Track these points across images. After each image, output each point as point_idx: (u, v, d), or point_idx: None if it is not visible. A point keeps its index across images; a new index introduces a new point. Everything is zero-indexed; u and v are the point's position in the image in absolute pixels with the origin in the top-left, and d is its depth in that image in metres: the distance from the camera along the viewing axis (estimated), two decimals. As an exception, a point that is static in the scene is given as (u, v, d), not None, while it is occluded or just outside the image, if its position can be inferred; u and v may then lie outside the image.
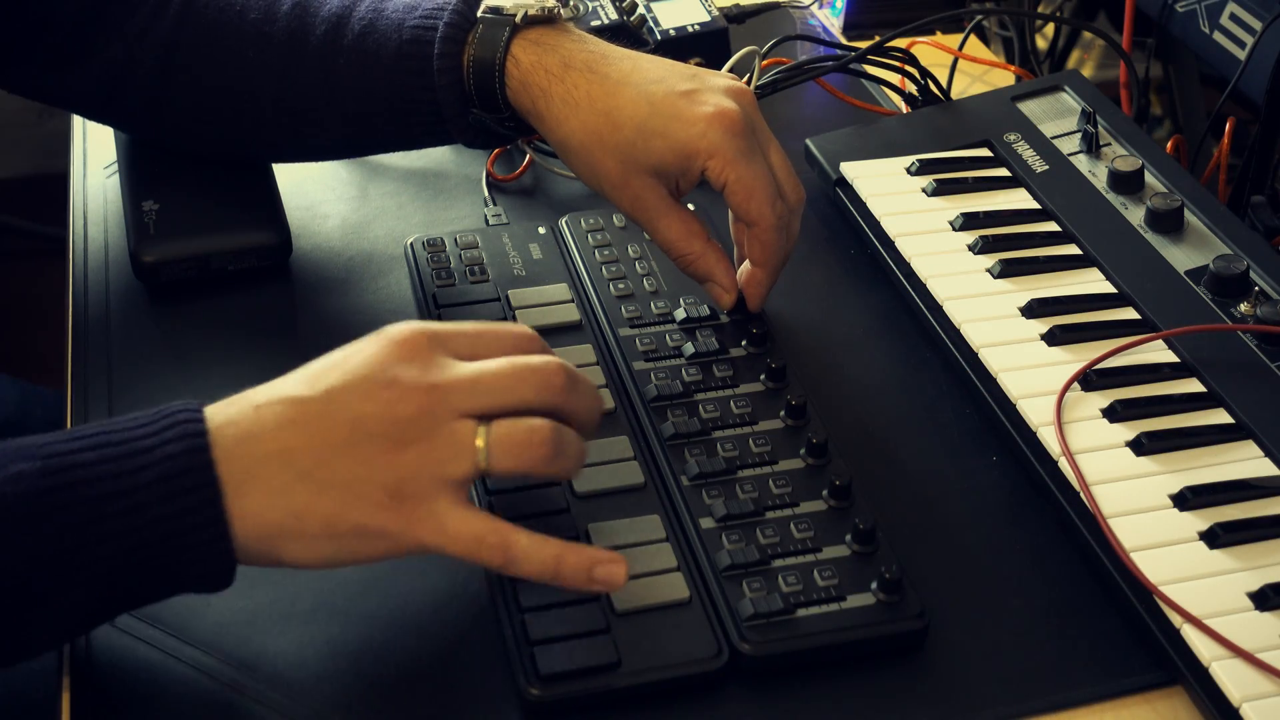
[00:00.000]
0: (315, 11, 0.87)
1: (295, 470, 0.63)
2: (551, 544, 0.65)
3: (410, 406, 0.63)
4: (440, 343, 0.66)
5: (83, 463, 0.61)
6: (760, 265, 0.83)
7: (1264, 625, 0.68)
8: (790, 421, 0.78)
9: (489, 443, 0.64)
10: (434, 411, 0.63)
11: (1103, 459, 0.77)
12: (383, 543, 0.64)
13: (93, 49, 0.88)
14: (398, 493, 0.63)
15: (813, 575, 0.70)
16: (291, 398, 0.64)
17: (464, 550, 0.64)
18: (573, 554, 0.66)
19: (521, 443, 0.64)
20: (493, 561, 0.64)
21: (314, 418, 0.63)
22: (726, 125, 0.79)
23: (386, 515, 0.63)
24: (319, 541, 0.63)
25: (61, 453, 0.62)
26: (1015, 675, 0.70)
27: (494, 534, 0.64)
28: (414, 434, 0.63)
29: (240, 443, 0.63)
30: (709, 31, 1.09)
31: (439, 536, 0.64)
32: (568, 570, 0.65)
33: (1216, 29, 1.05)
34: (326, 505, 0.63)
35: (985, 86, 1.15)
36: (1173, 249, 0.91)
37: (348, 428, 0.63)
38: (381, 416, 0.63)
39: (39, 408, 1.18)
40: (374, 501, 0.63)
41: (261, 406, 0.64)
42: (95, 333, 0.87)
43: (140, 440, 0.62)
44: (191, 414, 0.63)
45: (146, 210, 0.91)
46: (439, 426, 0.63)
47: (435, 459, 0.63)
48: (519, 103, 0.84)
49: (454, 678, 0.68)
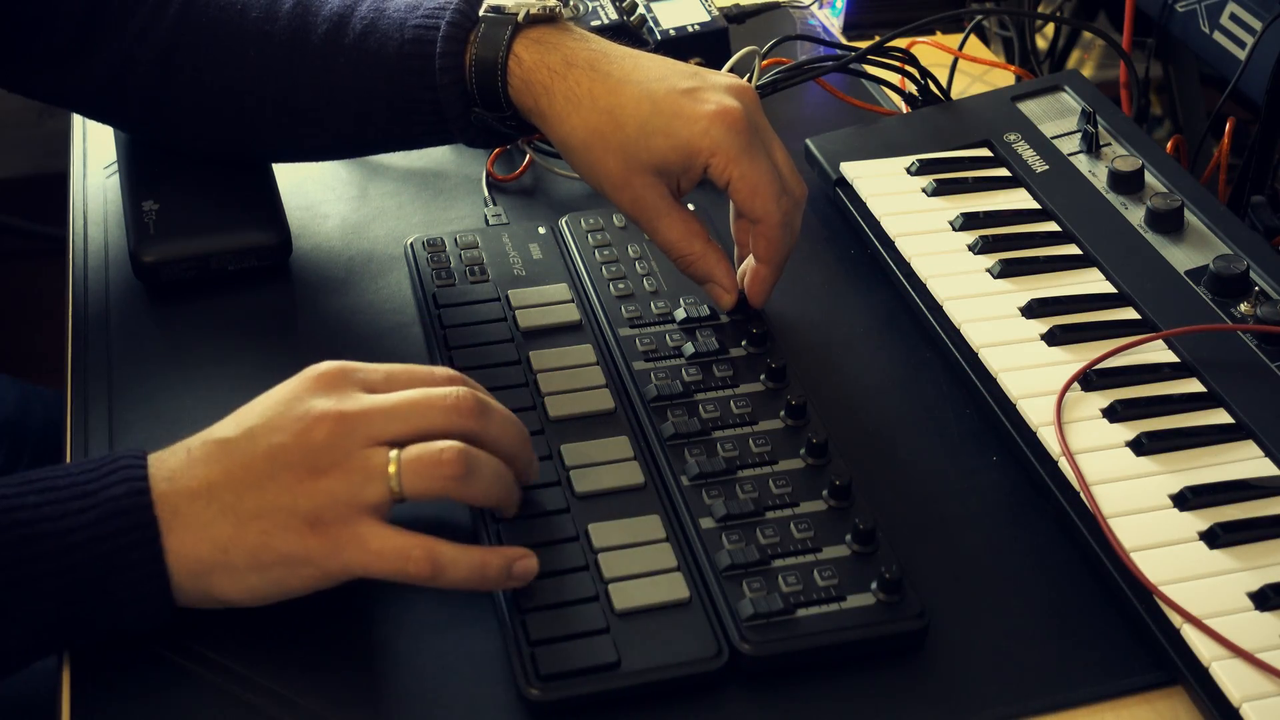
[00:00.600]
0: (316, 11, 0.87)
1: (218, 505, 0.65)
2: (474, 550, 0.67)
3: (322, 433, 0.65)
4: (357, 376, 0.68)
5: (27, 504, 0.64)
6: (765, 262, 0.83)
7: (1264, 625, 0.68)
8: (790, 421, 0.78)
9: (400, 466, 0.65)
10: (346, 438, 0.65)
11: (1103, 459, 0.77)
12: (308, 570, 0.65)
13: (93, 48, 0.88)
14: (318, 519, 0.65)
15: (813, 575, 0.70)
16: (217, 439, 0.66)
17: (391, 566, 0.65)
18: (494, 555, 0.67)
19: (431, 463, 0.65)
20: (421, 574, 0.65)
21: (234, 453, 0.65)
22: (729, 123, 0.79)
23: (309, 542, 0.65)
24: (247, 574, 0.65)
25: (7, 495, 0.64)
26: (1015, 675, 0.70)
27: (419, 547, 0.65)
28: (328, 461, 0.65)
29: (170, 482, 0.65)
30: (709, 31, 1.09)
31: (364, 556, 0.65)
32: (492, 572, 0.67)
33: (1216, 29, 1.05)
34: (250, 537, 0.64)
35: (985, 86, 1.15)
36: (1173, 249, 0.91)
37: (266, 460, 0.65)
38: (296, 446, 0.65)
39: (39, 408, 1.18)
40: (295, 530, 0.65)
41: (193, 449, 0.66)
42: (95, 333, 0.87)
43: (85, 484, 0.65)
44: (135, 460, 0.66)
45: (146, 210, 0.91)
46: (352, 453, 0.65)
47: (350, 484, 0.65)
48: (521, 101, 0.84)
49: (454, 678, 0.68)
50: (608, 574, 0.70)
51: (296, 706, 0.66)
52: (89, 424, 0.81)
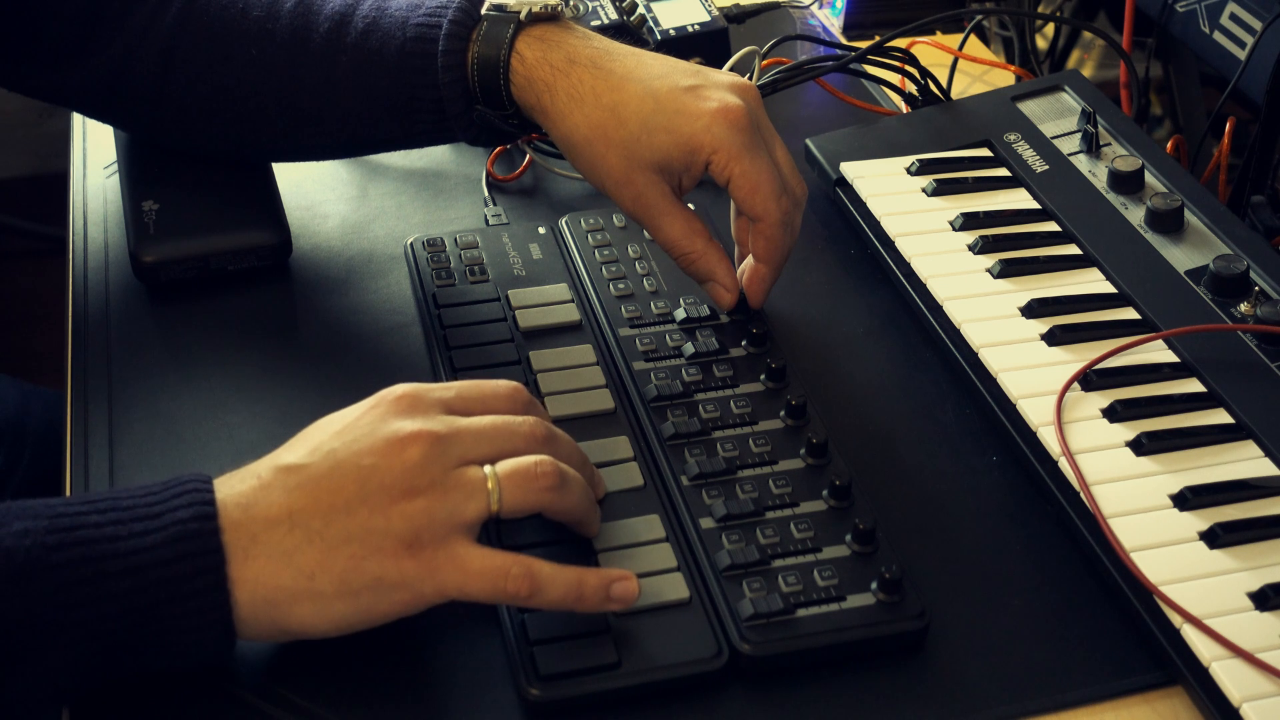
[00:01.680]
0: (318, 10, 0.87)
1: (304, 531, 0.63)
2: (571, 569, 0.66)
3: (416, 454, 0.64)
4: (435, 398, 0.67)
5: (89, 524, 0.62)
6: (764, 261, 0.83)
7: (1264, 625, 0.68)
8: (790, 421, 0.78)
9: (499, 481, 0.65)
10: (442, 459, 0.64)
11: (1103, 459, 0.77)
12: (401, 594, 0.64)
13: (94, 47, 0.88)
14: (414, 541, 0.63)
15: (813, 575, 0.70)
16: (294, 464, 0.64)
17: (490, 585, 0.64)
18: (592, 575, 0.66)
19: (529, 476, 0.65)
20: (520, 592, 0.64)
21: (320, 478, 0.64)
22: (731, 120, 0.79)
23: (405, 564, 0.63)
24: (333, 601, 0.63)
25: (69, 513, 0.62)
26: (1015, 675, 0.70)
27: (518, 565, 0.64)
28: (424, 482, 0.64)
29: (244, 509, 0.63)
30: (709, 31, 1.09)
31: (462, 577, 0.64)
32: (589, 591, 0.66)
33: (1216, 29, 1.05)
34: (340, 561, 0.63)
35: (985, 86, 1.15)
36: (1173, 249, 0.91)
37: (355, 484, 0.63)
38: (389, 468, 0.63)
39: (39, 408, 1.18)
40: (390, 552, 0.63)
41: (264, 475, 0.64)
42: (95, 333, 0.87)
43: (150, 506, 0.63)
44: (201, 484, 0.64)
45: (146, 210, 0.91)
46: (448, 473, 0.64)
47: (449, 503, 0.64)
48: (523, 99, 0.84)
49: (454, 678, 0.68)
50: (608, 574, 0.70)
51: (296, 707, 0.66)
52: (89, 424, 0.81)
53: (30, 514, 0.62)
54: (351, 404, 0.68)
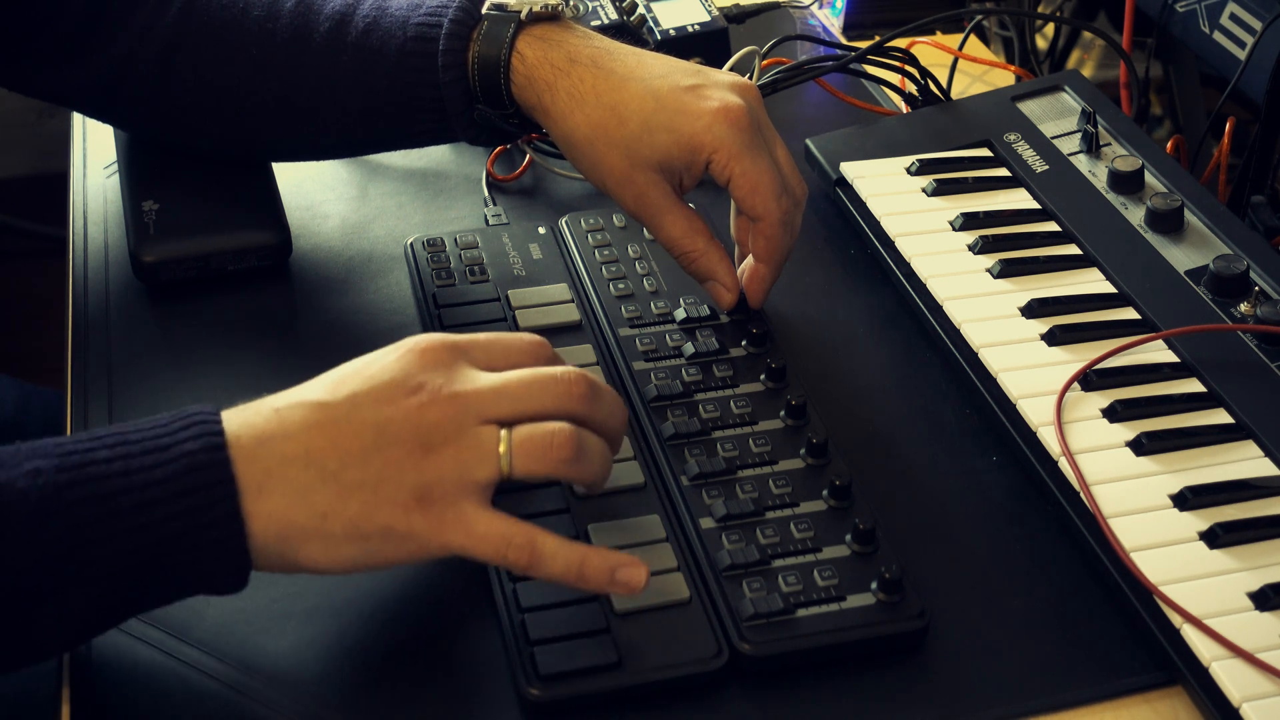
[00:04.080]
0: (319, 9, 0.87)
1: (320, 471, 0.63)
2: (576, 546, 0.66)
3: (436, 412, 0.64)
4: (461, 352, 0.67)
5: (98, 459, 0.62)
6: (763, 261, 0.83)
7: (1264, 625, 0.68)
8: (790, 421, 0.78)
9: (511, 446, 0.65)
10: (459, 417, 0.64)
11: (1103, 459, 0.77)
12: (409, 544, 0.64)
13: (94, 46, 0.88)
14: (425, 496, 0.64)
15: (813, 575, 0.70)
16: (314, 402, 0.64)
17: (491, 551, 0.64)
18: (597, 555, 0.66)
19: (543, 445, 0.65)
20: (519, 562, 0.65)
21: (339, 421, 0.64)
22: (732, 119, 0.79)
23: (414, 517, 0.64)
24: (342, 543, 0.64)
25: (78, 450, 0.62)
26: (1015, 675, 0.70)
27: (521, 534, 0.65)
28: (439, 439, 0.64)
29: (261, 443, 0.63)
30: (709, 31, 1.09)
31: (466, 538, 0.64)
32: (591, 571, 0.66)
33: (1216, 29, 1.05)
34: (353, 506, 0.63)
35: (985, 86, 1.15)
36: (1173, 249, 0.91)
37: (374, 431, 0.63)
38: (407, 421, 0.64)
39: (39, 408, 1.18)
40: (401, 504, 0.63)
41: (282, 409, 0.64)
42: (95, 333, 0.87)
43: (157, 439, 0.63)
44: (208, 415, 0.64)
45: (146, 210, 0.91)
46: (464, 432, 0.64)
47: (461, 463, 0.64)
48: (524, 98, 0.84)
49: (454, 678, 0.68)
50: (608, 574, 0.70)
51: (295, 706, 0.66)
52: (89, 424, 0.81)
53: (40, 453, 0.62)
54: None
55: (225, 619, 0.70)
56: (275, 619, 0.70)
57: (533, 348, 0.70)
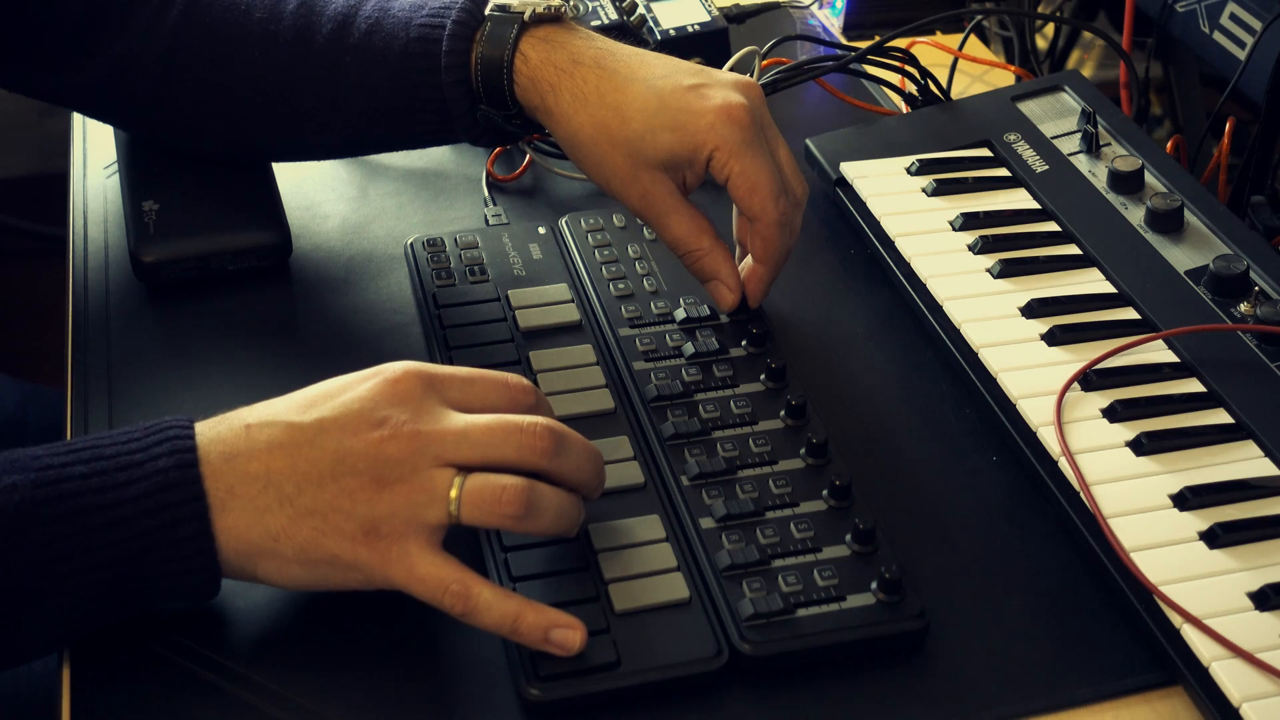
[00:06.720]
0: (321, 11, 0.87)
1: (278, 493, 0.64)
2: (513, 600, 0.66)
3: (395, 448, 0.65)
4: (434, 387, 0.67)
5: (74, 475, 0.63)
6: (761, 261, 0.83)
7: (1264, 625, 0.68)
8: (790, 421, 0.78)
9: (461, 494, 0.65)
10: (415, 457, 0.65)
11: (1103, 459, 0.77)
12: (354, 574, 0.66)
13: (95, 47, 0.88)
14: (373, 530, 0.65)
15: (813, 575, 0.70)
16: (284, 422, 0.66)
17: (428, 594, 0.65)
18: (533, 613, 0.66)
19: (491, 498, 0.65)
20: (454, 608, 0.65)
21: (302, 445, 0.65)
22: (734, 117, 0.79)
23: (360, 549, 0.65)
24: (293, 565, 0.65)
25: (54, 465, 0.64)
26: (1015, 675, 0.70)
27: (458, 583, 0.65)
28: (394, 475, 0.65)
29: (227, 460, 0.65)
30: (709, 31, 1.09)
31: (408, 577, 0.65)
32: (525, 628, 0.66)
33: (1216, 29, 1.05)
34: (303, 532, 0.65)
35: (985, 86, 1.15)
36: (1173, 249, 0.91)
37: (332, 460, 0.64)
38: (366, 454, 0.64)
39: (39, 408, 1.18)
40: (349, 535, 0.65)
41: (252, 426, 0.66)
42: (95, 333, 0.87)
43: (131, 455, 0.64)
44: (182, 429, 0.65)
45: (146, 210, 0.91)
46: (418, 472, 0.65)
47: (412, 502, 0.65)
48: (527, 99, 0.84)
49: (454, 678, 0.68)
50: (608, 574, 0.70)
51: (296, 706, 0.66)
52: (89, 424, 0.81)
53: (17, 467, 0.63)
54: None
55: (225, 619, 0.70)
56: (275, 619, 0.70)
57: (511, 391, 0.69)
